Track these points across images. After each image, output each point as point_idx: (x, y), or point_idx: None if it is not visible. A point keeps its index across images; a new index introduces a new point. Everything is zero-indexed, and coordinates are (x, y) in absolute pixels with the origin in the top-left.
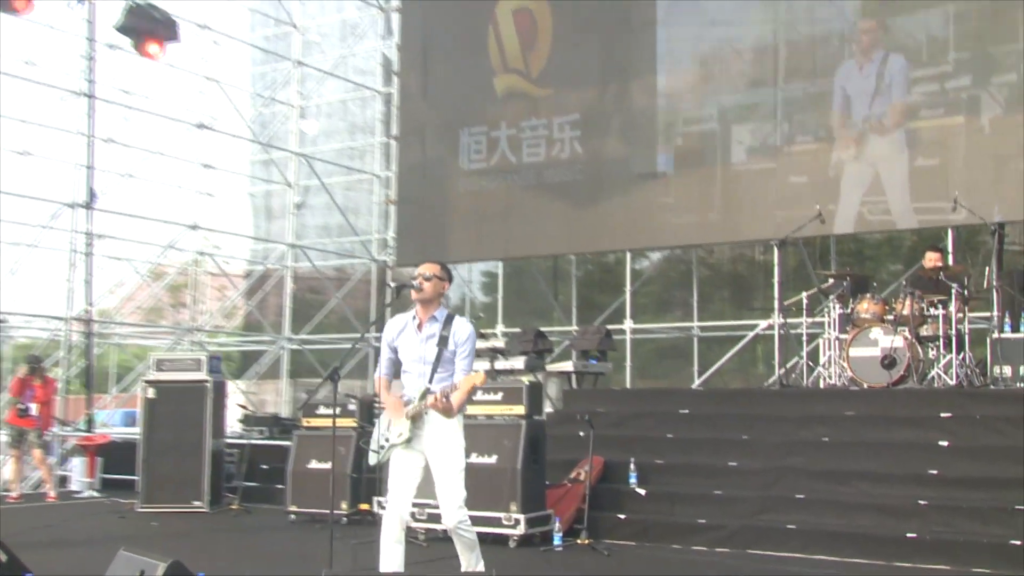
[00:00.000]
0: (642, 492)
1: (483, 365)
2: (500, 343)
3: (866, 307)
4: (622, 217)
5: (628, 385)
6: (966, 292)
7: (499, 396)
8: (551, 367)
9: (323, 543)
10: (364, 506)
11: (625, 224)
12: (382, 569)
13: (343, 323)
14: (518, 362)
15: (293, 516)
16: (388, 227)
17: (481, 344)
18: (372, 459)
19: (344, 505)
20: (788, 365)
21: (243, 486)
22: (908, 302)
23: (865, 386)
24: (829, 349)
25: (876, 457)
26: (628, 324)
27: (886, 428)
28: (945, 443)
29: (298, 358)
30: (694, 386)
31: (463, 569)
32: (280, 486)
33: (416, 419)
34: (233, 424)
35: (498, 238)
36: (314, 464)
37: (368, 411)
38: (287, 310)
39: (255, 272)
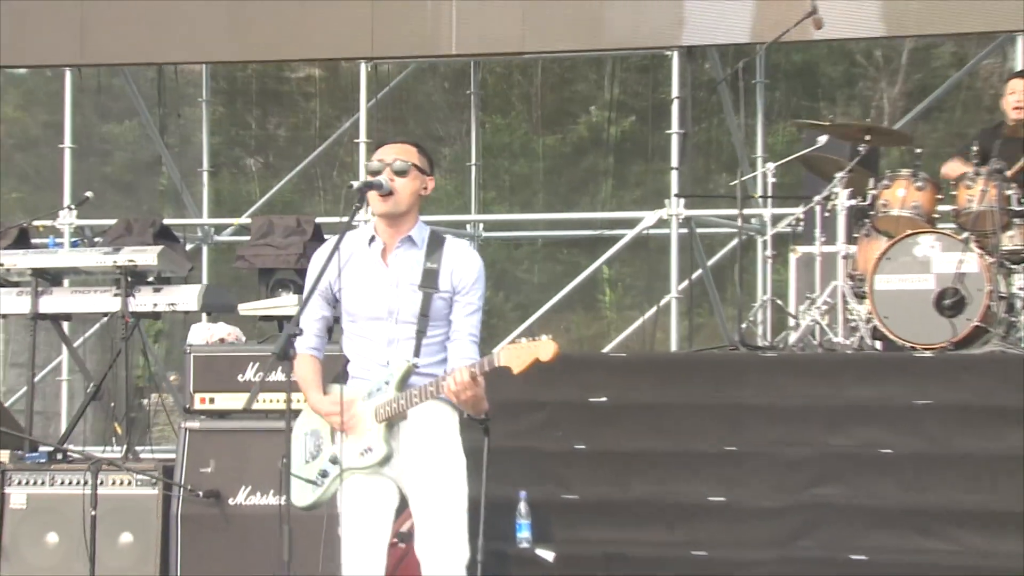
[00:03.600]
0: (548, 557)
1: (108, 303)
2: (146, 256)
3: (903, 195)
4: None
5: None
6: None
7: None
8: (250, 308)
9: None
10: None
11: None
12: None
13: None
14: (183, 295)
15: None
16: None
17: (85, 259)
18: (305, 498)
19: None
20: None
21: None
22: (987, 187)
23: (908, 347)
24: (831, 276)
25: (987, 483)
26: (362, 215)
27: (995, 429)
28: None
29: None
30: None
31: None
32: None
33: (394, 422)
34: None
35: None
36: None
37: None
38: None
39: None
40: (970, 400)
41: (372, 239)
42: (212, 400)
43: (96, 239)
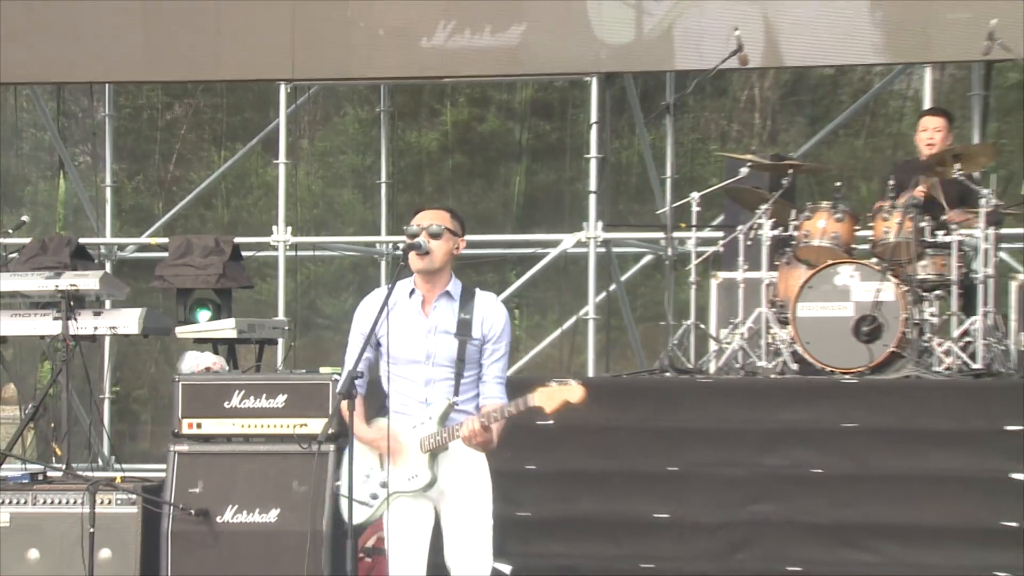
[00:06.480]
0: (505, 570)
1: (48, 326)
2: (88, 281)
3: (823, 226)
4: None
5: (280, 363)
6: (994, 202)
7: (279, 400)
8: (186, 331)
9: None
10: None
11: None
12: None
13: None
14: (123, 318)
15: None
16: None
17: (27, 284)
18: (360, 515)
19: None
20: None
21: None
22: (902, 219)
23: (828, 371)
24: (754, 302)
25: (908, 500)
26: (281, 235)
27: (915, 450)
28: (1020, 476)
29: None
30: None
31: None
32: None
33: (436, 453)
34: None
35: None
36: None
37: None
38: None
39: None
40: (893, 423)
41: (412, 292)
42: (199, 425)
43: (12, 255)
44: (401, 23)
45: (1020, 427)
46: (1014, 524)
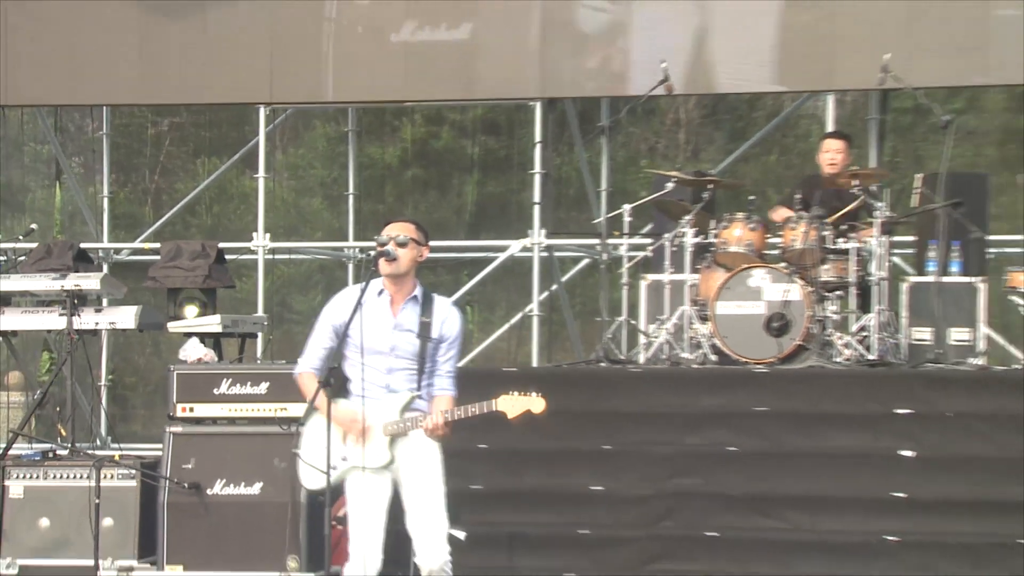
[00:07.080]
0: (460, 535)
1: (54, 322)
2: (90, 281)
3: (739, 235)
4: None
5: (260, 354)
6: (886, 213)
7: (262, 387)
8: (177, 326)
9: None
10: None
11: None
12: None
13: None
14: (121, 315)
15: None
16: None
17: (36, 284)
18: (318, 482)
19: None
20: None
21: None
22: (807, 229)
23: (743, 362)
24: (678, 301)
25: (811, 474)
26: (261, 241)
27: (817, 431)
28: (910, 453)
29: None
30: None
31: None
32: None
33: (396, 438)
34: None
35: None
36: None
37: None
38: None
39: None
40: (799, 407)
41: (381, 292)
42: (192, 409)
43: (20, 258)
44: (375, 22)
45: (908, 410)
46: (902, 495)
